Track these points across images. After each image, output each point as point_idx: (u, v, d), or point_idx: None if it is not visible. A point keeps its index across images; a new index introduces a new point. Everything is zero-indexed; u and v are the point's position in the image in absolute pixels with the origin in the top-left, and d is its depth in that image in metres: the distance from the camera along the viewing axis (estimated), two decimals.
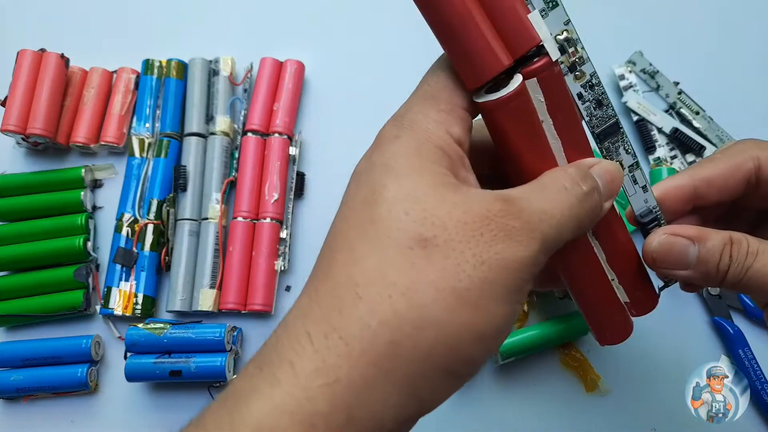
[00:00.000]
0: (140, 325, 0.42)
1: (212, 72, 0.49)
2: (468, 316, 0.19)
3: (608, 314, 0.27)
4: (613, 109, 0.24)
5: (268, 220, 0.45)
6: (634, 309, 0.28)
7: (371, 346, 0.18)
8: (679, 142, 0.47)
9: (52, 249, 0.45)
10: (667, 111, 0.48)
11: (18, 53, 0.47)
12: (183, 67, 0.49)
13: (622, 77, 0.48)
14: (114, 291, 0.44)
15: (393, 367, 0.18)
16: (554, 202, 0.21)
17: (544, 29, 0.21)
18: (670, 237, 0.25)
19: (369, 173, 0.21)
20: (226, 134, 0.47)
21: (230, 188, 0.47)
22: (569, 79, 0.23)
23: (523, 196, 0.21)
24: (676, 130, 0.46)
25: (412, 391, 0.19)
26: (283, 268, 0.45)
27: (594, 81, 0.23)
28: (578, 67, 0.23)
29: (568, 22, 0.22)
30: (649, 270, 0.27)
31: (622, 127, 0.25)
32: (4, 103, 0.46)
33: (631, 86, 0.48)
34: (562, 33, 0.22)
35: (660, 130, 0.47)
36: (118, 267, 0.45)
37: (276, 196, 0.46)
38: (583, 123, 0.24)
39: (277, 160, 0.46)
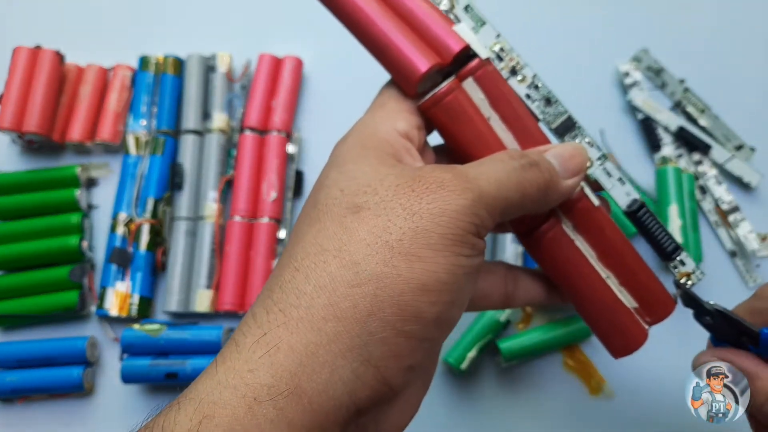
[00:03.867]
0: (136, 326, 0.42)
1: (209, 68, 0.48)
2: (404, 267, 0.19)
3: (611, 319, 0.26)
4: (563, 106, 0.26)
5: (265, 219, 0.45)
6: (647, 315, 0.27)
7: (309, 312, 0.18)
8: (685, 140, 0.46)
9: (46, 248, 0.44)
10: (672, 109, 0.47)
11: (13, 50, 0.47)
12: (180, 64, 0.48)
13: (626, 74, 0.47)
14: (109, 291, 0.44)
15: (335, 331, 0.18)
16: (493, 166, 0.22)
17: (469, 35, 0.24)
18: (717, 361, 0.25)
19: (320, 173, 0.23)
20: (223, 132, 0.46)
21: (227, 187, 0.46)
22: (513, 82, 0.25)
23: (461, 166, 0.22)
24: (681, 128, 0.46)
25: (363, 356, 0.18)
26: None
27: (537, 83, 0.25)
28: (519, 71, 0.25)
29: (499, 35, 0.25)
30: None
31: (576, 121, 0.26)
32: None
33: (636, 84, 0.47)
34: (495, 45, 0.25)
35: (665, 129, 0.46)
36: (114, 267, 0.44)
37: (274, 195, 0.45)
38: (541, 124, 0.26)
39: (275, 158, 0.46)
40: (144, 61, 0.48)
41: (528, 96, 0.25)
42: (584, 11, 0.50)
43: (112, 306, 0.43)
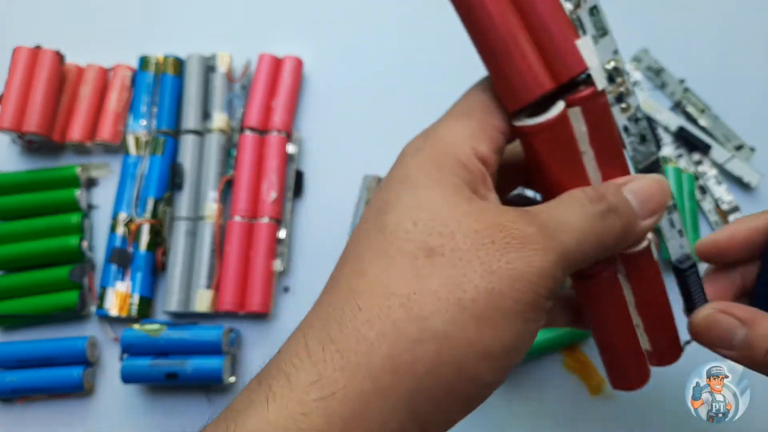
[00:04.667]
0: (136, 327, 0.42)
1: (209, 68, 0.48)
2: (473, 331, 0.18)
3: (627, 360, 0.26)
4: (654, 146, 0.23)
5: (266, 219, 0.45)
6: (655, 358, 0.27)
7: (368, 359, 0.17)
8: (685, 140, 0.46)
9: (46, 248, 0.44)
10: (672, 109, 0.47)
11: (13, 50, 0.47)
12: (179, 64, 0.48)
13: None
14: (109, 291, 0.44)
15: (391, 383, 0.17)
16: (573, 214, 0.20)
17: (593, 56, 0.20)
18: (717, 314, 0.24)
19: (387, 185, 0.21)
20: (223, 132, 0.46)
21: (227, 187, 0.46)
22: (615, 110, 0.22)
23: (539, 209, 0.20)
24: (681, 128, 0.46)
25: (413, 411, 0.18)
26: (281, 268, 0.44)
27: (639, 114, 0.22)
28: (625, 99, 0.22)
29: (616, 51, 0.21)
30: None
31: (662, 165, 0.24)
32: None
33: (636, 84, 0.47)
34: (610, 62, 0.21)
35: (665, 129, 0.46)
36: (114, 267, 0.44)
37: (274, 195, 0.45)
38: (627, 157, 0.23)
39: (275, 158, 0.46)
40: (144, 61, 0.48)
41: (626, 129, 0.22)
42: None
43: (112, 306, 0.43)
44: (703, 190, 0.46)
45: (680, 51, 0.48)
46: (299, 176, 0.47)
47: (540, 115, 0.20)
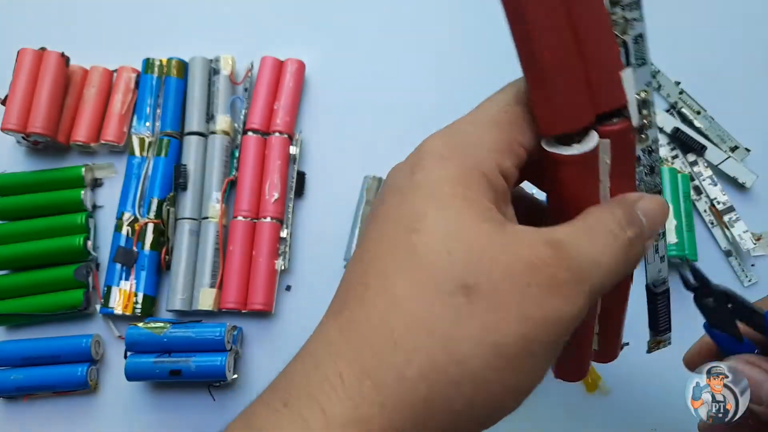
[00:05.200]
0: (140, 325, 0.42)
1: (213, 71, 0.49)
2: (507, 374, 0.18)
3: (578, 358, 0.27)
4: (660, 177, 0.23)
5: (268, 219, 0.45)
6: (598, 357, 0.28)
7: (406, 398, 0.17)
8: (680, 141, 0.46)
9: (52, 248, 0.45)
10: (668, 111, 0.48)
11: (18, 52, 0.47)
12: (183, 66, 0.49)
13: None
14: (114, 290, 0.44)
15: (426, 422, 0.18)
16: (603, 250, 0.20)
17: (632, 90, 0.20)
18: (745, 366, 0.25)
19: (410, 194, 0.19)
20: (226, 133, 0.47)
21: (230, 187, 0.47)
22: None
23: (571, 241, 0.19)
24: (677, 129, 0.46)
25: None
26: (283, 267, 0.45)
27: (653, 147, 0.22)
28: (645, 131, 0.21)
29: (650, 83, 0.21)
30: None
31: (662, 194, 0.24)
32: (4, 102, 0.46)
33: None
34: (641, 93, 0.21)
35: (661, 130, 0.47)
36: (118, 266, 0.45)
37: (276, 196, 0.46)
38: None
39: (278, 159, 0.46)
40: (148, 64, 0.48)
41: (638, 158, 0.22)
42: None
43: (117, 304, 0.44)
44: (699, 190, 0.46)
45: (676, 54, 0.49)
46: (301, 177, 0.47)
47: (569, 142, 0.20)
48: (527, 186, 0.25)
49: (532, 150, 0.21)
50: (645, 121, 0.21)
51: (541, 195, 0.25)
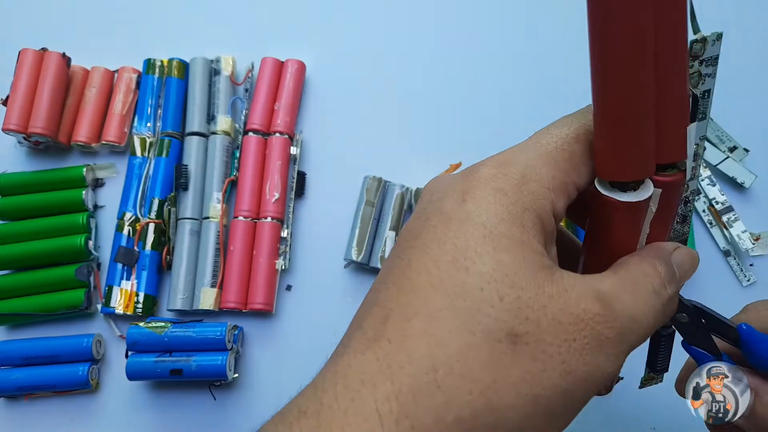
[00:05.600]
0: (141, 324, 0.42)
1: (213, 71, 0.49)
2: (542, 425, 0.18)
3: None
4: (689, 227, 0.23)
5: (268, 219, 0.45)
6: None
7: None
8: None
9: (53, 248, 0.45)
10: None
11: (19, 52, 0.47)
12: (184, 67, 0.49)
13: None
14: (115, 290, 0.44)
15: None
16: (644, 309, 0.20)
17: (692, 145, 0.20)
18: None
19: (460, 224, 0.19)
20: (227, 134, 0.47)
21: (231, 188, 0.47)
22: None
23: (617, 296, 0.19)
24: None
25: None
26: (283, 267, 0.45)
27: (690, 197, 0.22)
28: (688, 182, 0.22)
29: (704, 137, 0.21)
30: None
31: (686, 243, 0.24)
32: (5, 103, 0.46)
33: None
34: (694, 145, 0.21)
35: None
36: (120, 266, 0.45)
37: (277, 196, 0.46)
38: None
39: (278, 159, 0.47)
40: (149, 64, 0.48)
41: None
42: (581, 14, 0.51)
43: (118, 304, 0.44)
44: (697, 190, 0.46)
45: None
46: (301, 177, 0.48)
47: (624, 187, 0.20)
48: None
49: (583, 190, 0.21)
50: (693, 173, 0.21)
51: None
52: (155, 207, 0.46)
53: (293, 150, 0.47)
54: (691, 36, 0.19)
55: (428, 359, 0.17)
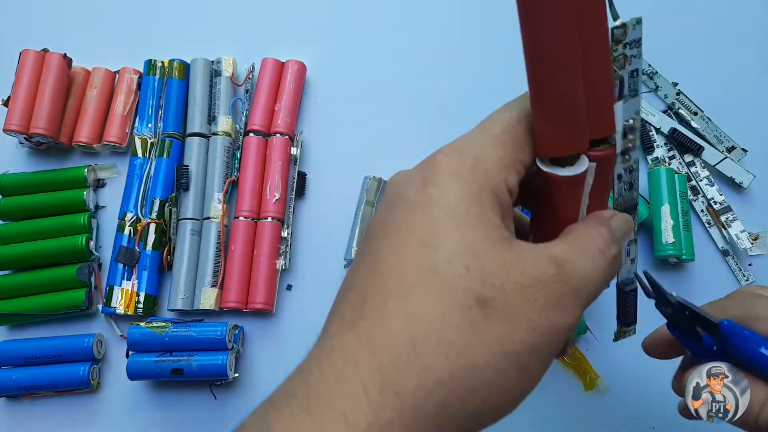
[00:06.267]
0: (142, 324, 0.43)
1: (214, 72, 0.49)
2: (516, 380, 0.20)
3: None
4: (637, 193, 0.25)
5: (269, 219, 0.46)
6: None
7: (424, 404, 0.19)
8: (678, 142, 0.47)
9: (54, 248, 0.45)
10: (665, 111, 0.48)
11: (20, 53, 0.47)
12: (185, 68, 0.49)
13: None
14: (116, 290, 0.45)
15: (441, 425, 0.19)
16: (594, 267, 0.22)
17: (620, 121, 0.22)
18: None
19: (424, 209, 0.21)
20: (227, 134, 0.47)
21: (232, 188, 0.47)
22: (617, 160, 0.24)
23: (568, 258, 0.21)
24: (674, 130, 0.47)
25: None
26: (284, 267, 0.45)
27: (634, 166, 0.24)
28: (629, 152, 0.24)
29: (638, 111, 0.23)
30: None
31: (637, 206, 0.26)
32: (6, 103, 0.47)
33: None
34: (629, 120, 0.23)
35: (658, 131, 0.47)
36: (120, 266, 0.45)
37: (277, 196, 0.46)
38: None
39: (279, 160, 0.47)
40: (150, 65, 0.49)
41: (619, 176, 0.24)
42: None
43: (119, 304, 0.44)
44: (696, 190, 0.47)
45: (674, 55, 0.49)
46: (301, 177, 0.48)
47: (562, 163, 0.22)
48: None
49: (530, 168, 0.23)
50: (630, 144, 0.23)
51: None
52: (156, 207, 0.46)
53: (294, 150, 0.48)
54: (611, 23, 0.21)
55: (406, 332, 0.19)
